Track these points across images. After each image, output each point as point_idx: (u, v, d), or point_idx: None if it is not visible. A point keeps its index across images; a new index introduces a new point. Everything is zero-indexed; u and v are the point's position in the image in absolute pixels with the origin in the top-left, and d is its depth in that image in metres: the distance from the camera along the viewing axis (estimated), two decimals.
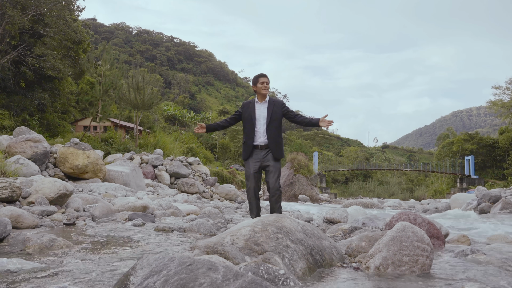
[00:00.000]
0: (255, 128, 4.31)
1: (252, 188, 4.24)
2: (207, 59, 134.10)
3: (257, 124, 4.32)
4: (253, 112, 4.35)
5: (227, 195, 15.68)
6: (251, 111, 4.36)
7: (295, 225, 2.18)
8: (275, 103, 4.38)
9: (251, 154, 4.32)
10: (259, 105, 4.38)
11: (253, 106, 4.38)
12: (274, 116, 4.30)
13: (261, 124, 4.32)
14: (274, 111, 4.30)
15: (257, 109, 4.36)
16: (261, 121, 4.32)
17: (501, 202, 11.76)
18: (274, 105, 4.35)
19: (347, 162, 63.26)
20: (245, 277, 1.24)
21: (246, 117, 4.38)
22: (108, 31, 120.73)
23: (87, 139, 21.98)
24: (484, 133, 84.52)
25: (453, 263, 2.39)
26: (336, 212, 5.39)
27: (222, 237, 2.09)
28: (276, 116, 4.32)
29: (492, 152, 49.70)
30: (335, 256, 2.25)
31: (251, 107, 4.38)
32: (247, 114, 4.38)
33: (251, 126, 4.33)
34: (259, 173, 4.27)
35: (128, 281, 1.28)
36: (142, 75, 25.49)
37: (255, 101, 4.42)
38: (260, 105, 4.37)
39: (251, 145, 4.31)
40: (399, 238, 2.08)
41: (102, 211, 5.11)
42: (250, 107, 4.39)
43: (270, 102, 4.36)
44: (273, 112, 4.29)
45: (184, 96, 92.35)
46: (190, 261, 1.31)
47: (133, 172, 12.58)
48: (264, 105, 4.36)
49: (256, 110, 4.35)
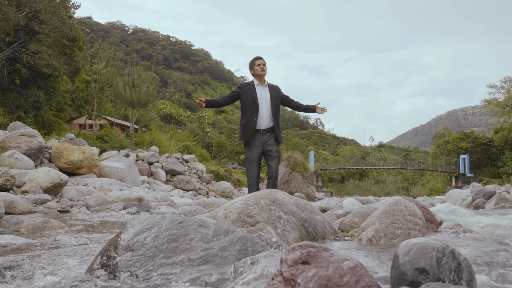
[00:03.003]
0: (258, 112, 4.21)
1: (255, 173, 4.16)
2: (203, 58, 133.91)
3: (260, 107, 4.22)
4: (254, 95, 4.23)
5: (223, 192, 15.67)
6: (252, 93, 4.24)
7: (288, 199, 2.19)
8: (274, 88, 4.36)
9: (253, 138, 4.21)
10: (260, 88, 4.29)
11: (254, 88, 4.27)
12: (277, 101, 4.28)
13: (264, 107, 4.23)
14: (275, 96, 4.29)
15: (259, 92, 4.26)
16: (263, 104, 4.23)
17: (495, 198, 11.81)
18: (274, 90, 4.33)
19: (343, 161, 63.36)
20: (236, 233, 1.24)
21: (246, 99, 4.25)
22: (104, 30, 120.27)
23: (82, 136, 21.89)
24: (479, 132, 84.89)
25: (446, 238, 2.41)
26: (331, 201, 5.41)
27: (215, 212, 2.10)
28: (278, 101, 4.31)
29: (487, 150, 49.95)
30: (328, 230, 2.26)
31: (252, 89, 4.26)
32: (247, 96, 4.25)
33: (254, 108, 4.20)
34: (260, 158, 4.22)
35: (119, 238, 1.28)
36: (138, 73, 25.40)
37: (254, 83, 4.32)
38: (262, 88, 4.30)
39: (253, 127, 4.18)
40: (392, 212, 2.09)
41: (97, 201, 5.09)
42: (250, 89, 4.27)
43: (270, 86, 4.34)
44: (275, 97, 4.27)
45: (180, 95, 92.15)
46: (181, 219, 1.32)
47: (128, 168, 12.55)
48: (266, 89, 4.31)
49: (257, 92, 4.25)
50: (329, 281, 0.66)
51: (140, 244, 1.22)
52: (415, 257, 0.84)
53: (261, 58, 4.33)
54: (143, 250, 1.19)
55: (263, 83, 4.32)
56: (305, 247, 0.76)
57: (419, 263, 0.83)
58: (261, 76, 4.29)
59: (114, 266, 1.16)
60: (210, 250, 1.17)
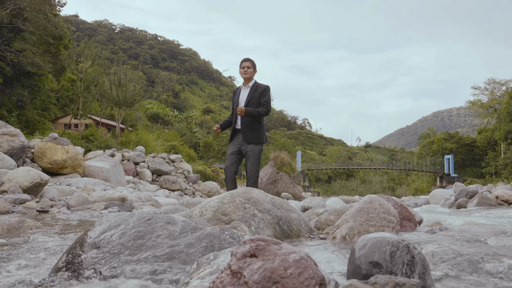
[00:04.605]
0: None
1: (227, 169, 4.31)
2: (191, 58, 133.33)
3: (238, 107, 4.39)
4: (237, 97, 4.49)
5: (209, 192, 15.63)
6: (236, 96, 4.52)
7: (264, 197, 2.20)
8: (258, 88, 4.42)
9: (233, 137, 4.46)
10: (243, 90, 4.49)
11: (239, 91, 4.52)
12: (253, 101, 4.34)
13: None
14: (253, 96, 4.35)
15: (241, 94, 4.48)
16: (240, 105, 4.41)
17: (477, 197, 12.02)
18: (256, 90, 4.39)
19: (330, 161, 63.75)
20: (203, 230, 1.24)
21: (233, 102, 4.56)
22: (90, 28, 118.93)
23: (67, 136, 21.62)
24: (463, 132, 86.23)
25: (420, 235, 2.44)
26: (314, 200, 5.44)
27: (191, 210, 2.10)
28: (254, 101, 4.35)
29: (471, 151, 50.76)
30: (303, 228, 2.27)
31: (238, 92, 4.54)
32: (234, 99, 4.55)
33: (235, 109, 4.45)
34: (237, 155, 4.34)
35: (86, 236, 1.27)
36: (124, 72, 25.19)
37: (241, 86, 4.56)
38: (244, 90, 4.49)
39: (233, 128, 4.45)
40: (366, 210, 2.11)
41: (78, 201, 5.04)
42: (237, 92, 4.56)
43: (253, 87, 4.41)
44: (252, 97, 4.35)
45: (168, 95, 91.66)
46: (149, 216, 1.32)
47: (113, 168, 12.43)
48: (247, 90, 4.46)
49: (240, 94, 4.48)
50: (273, 273, 0.67)
51: (106, 242, 1.22)
52: (370, 251, 0.86)
53: (247, 60, 4.40)
54: (109, 247, 1.19)
55: (247, 84, 4.47)
56: (256, 240, 0.77)
57: (373, 257, 0.84)
58: (244, 78, 4.41)
59: (79, 263, 1.15)
60: (176, 247, 1.17)
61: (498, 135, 40.97)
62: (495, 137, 43.12)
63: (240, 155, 4.38)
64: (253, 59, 4.49)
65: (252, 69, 4.40)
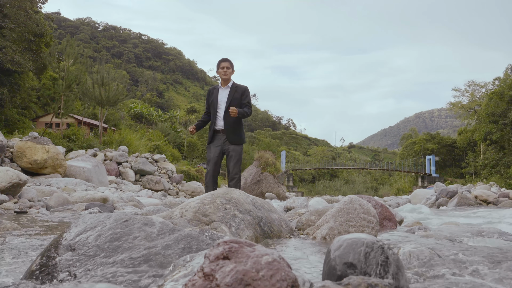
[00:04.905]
0: (217, 113, 4.38)
1: (211, 172, 4.29)
2: (175, 57, 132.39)
3: (218, 108, 4.38)
4: (216, 97, 4.42)
5: (193, 192, 15.56)
6: (214, 96, 4.44)
7: (244, 197, 2.20)
8: (238, 89, 4.42)
9: (213, 138, 4.38)
10: (222, 90, 4.45)
11: (217, 91, 4.46)
12: (234, 102, 4.34)
13: (221, 109, 4.38)
14: (234, 97, 4.34)
15: (220, 94, 4.43)
16: (221, 106, 4.38)
17: (457, 197, 12.28)
18: (236, 91, 4.39)
19: (314, 161, 64.14)
20: (182, 231, 1.24)
21: (210, 102, 4.49)
22: (73, 26, 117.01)
23: (48, 135, 21.22)
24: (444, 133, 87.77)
25: (398, 235, 2.48)
26: (296, 201, 5.46)
27: (172, 211, 2.08)
28: (236, 102, 4.36)
29: (451, 151, 51.71)
30: (284, 228, 2.28)
31: (215, 92, 4.47)
32: (212, 99, 4.47)
33: (213, 111, 4.41)
34: (219, 157, 4.33)
35: (61, 238, 1.25)
36: (107, 70, 24.87)
37: (218, 86, 4.51)
38: (223, 90, 4.44)
39: (213, 129, 4.39)
40: (346, 210, 2.13)
41: (58, 202, 4.96)
42: (214, 92, 4.48)
43: (233, 87, 4.40)
44: (233, 98, 4.34)
45: (152, 94, 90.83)
46: (126, 218, 1.30)
47: (95, 168, 12.26)
48: (226, 90, 4.42)
49: (218, 95, 4.42)
50: (245, 276, 0.67)
51: (82, 244, 1.20)
52: (344, 252, 0.86)
53: (226, 61, 4.38)
54: (84, 250, 1.17)
55: (226, 84, 4.44)
56: (229, 242, 0.77)
57: (348, 258, 0.85)
58: (223, 79, 4.38)
59: (53, 266, 1.13)
60: (153, 249, 1.16)
61: (477, 136, 41.82)
62: (475, 138, 44.03)
63: (222, 156, 4.37)
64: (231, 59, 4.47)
65: (231, 69, 4.41)
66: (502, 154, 38.21)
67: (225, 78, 4.37)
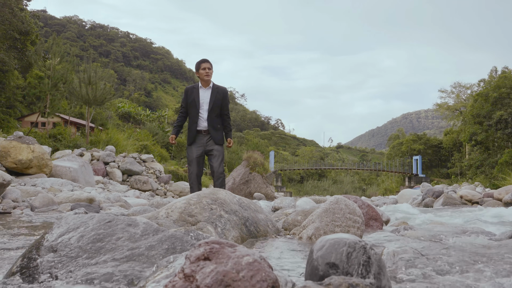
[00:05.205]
0: (199, 113, 4.35)
1: (195, 173, 4.28)
2: (164, 57, 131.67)
3: (200, 109, 4.35)
4: (197, 97, 4.37)
5: (181, 192, 15.50)
6: (195, 96, 4.38)
7: (231, 198, 2.20)
8: (219, 90, 4.45)
9: (195, 139, 4.36)
10: (203, 91, 4.41)
11: (197, 91, 4.41)
12: (216, 103, 4.36)
13: (204, 109, 4.36)
14: (216, 98, 4.36)
15: (201, 94, 4.39)
16: (204, 106, 4.36)
17: (443, 197, 12.44)
18: (217, 92, 4.42)
19: (302, 161, 64.41)
20: (166, 232, 1.23)
21: (190, 102, 4.41)
22: (59, 24, 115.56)
23: (33, 134, 20.91)
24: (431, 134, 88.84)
25: (384, 235, 2.50)
26: (284, 201, 5.48)
27: (157, 212, 2.07)
28: (218, 104, 4.39)
29: (437, 152, 52.39)
30: (270, 228, 2.29)
31: (195, 92, 4.41)
32: (191, 99, 4.40)
33: (195, 111, 4.36)
34: (202, 158, 4.33)
35: (43, 239, 1.23)
36: (94, 69, 24.61)
37: (198, 86, 4.45)
38: (204, 91, 4.41)
39: (194, 130, 4.35)
40: (332, 210, 2.14)
41: (43, 202, 4.89)
42: (194, 92, 4.42)
43: (214, 88, 4.42)
44: (216, 99, 4.35)
45: (140, 94, 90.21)
46: (110, 218, 1.29)
47: (82, 168, 12.13)
48: (208, 91, 4.41)
49: (200, 95, 4.38)
50: (225, 276, 0.67)
51: (64, 245, 1.18)
52: (327, 252, 0.87)
53: (207, 61, 4.38)
54: (66, 251, 1.16)
55: (207, 85, 4.42)
56: (210, 243, 0.77)
57: (330, 258, 0.85)
58: (204, 80, 4.36)
59: (34, 268, 1.12)
60: (137, 250, 1.15)
61: (463, 137, 42.44)
62: (461, 138, 44.68)
63: (204, 156, 4.37)
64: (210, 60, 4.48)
65: (211, 70, 4.42)
66: (486, 155, 38.86)
67: (207, 79, 4.35)
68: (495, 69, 47.69)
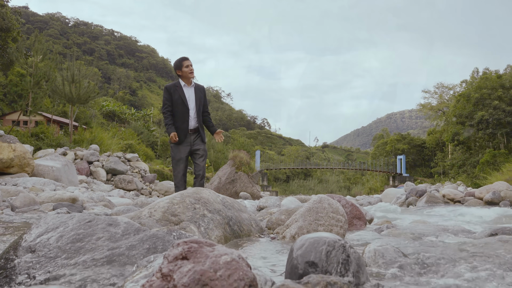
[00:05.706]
0: (189, 112, 4.29)
1: (182, 172, 4.24)
2: (149, 55, 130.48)
3: (189, 108, 4.31)
4: (183, 95, 4.28)
5: (166, 192, 15.40)
6: (180, 94, 4.28)
7: (214, 197, 2.20)
8: (200, 88, 4.46)
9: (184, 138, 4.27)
10: (187, 89, 4.35)
11: (182, 90, 4.30)
12: (200, 101, 4.40)
13: (191, 108, 4.31)
14: (199, 96, 4.37)
15: (186, 93, 4.32)
16: (191, 105, 4.31)
17: (426, 196, 12.63)
18: (199, 90, 4.42)
19: (288, 161, 64.64)
20: (147, 232, 1.22)
21: (176, 100, 4.28)
22: (42, 21, 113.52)
23: (15, 133, 20.51)
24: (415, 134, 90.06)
25: (367, 234, 2.53)
26: (269, 200, 5.48)
27: (140, 211, 2.05)
28: (201, 102, 4.42)
29: (421, 152, 53.16)
30: (254, 228, 2.29)
31: (180, 90, 4.30)
32: (177, 97, 4.28)
33: (184, 110, 4.26)
34: (187, 157, 4.30)
35: (21, 240, 1.21)
36: (78, 67, 24.26)
37: (181, 84, 4.34)
38: (188, 89, 4.36)
39: (186, 129, 4.26)
40: (315, 209, 2.16)
41: (24, 202, 4.81)
42: (178, 91, 4.30)
43: (196, 86, 4.41)
44: (199, 98, 4.37)
45: (125, 92, 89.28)
46: (90, 218, 1.27)
47: (65, 167, 11.95)
48: (192, 89, 4.37)
49: (185, 93, 4.31)
50: (203, 276, 0.67)
51: (43, 245, 1.17)
52: (306, 251, 0.87)
53: (188, 59, 4.35)
54: (45, 251, 1.14)
55: (190, 83, 4.37)
56: (189, 242, 0.77)
57: (309, 257, 0.86)
58: (189, 78, 4.30)
59: (12, 268, 1.09)
60: (117, 250, 1.14)
61: (446, 136, 43.13)
62: (443, 138, 45.42)
63: (188, 155, 4.34)
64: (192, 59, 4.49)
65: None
66: (468, 155, 39.59)
67: (192, 77, 4.31)
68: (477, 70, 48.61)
